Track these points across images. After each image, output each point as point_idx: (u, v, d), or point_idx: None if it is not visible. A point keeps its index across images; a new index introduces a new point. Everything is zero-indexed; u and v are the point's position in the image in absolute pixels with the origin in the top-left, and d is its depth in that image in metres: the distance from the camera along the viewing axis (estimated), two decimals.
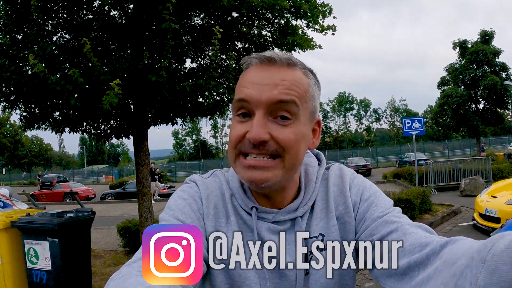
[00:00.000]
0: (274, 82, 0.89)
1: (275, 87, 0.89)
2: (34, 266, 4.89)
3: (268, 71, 0.91)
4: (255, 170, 0.89)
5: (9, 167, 71.41)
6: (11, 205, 7.21)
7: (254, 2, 6.07)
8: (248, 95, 0.89)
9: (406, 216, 0.94)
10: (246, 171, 0.90)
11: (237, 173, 0.94)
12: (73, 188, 24.84)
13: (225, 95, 7.00)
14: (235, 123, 0.93)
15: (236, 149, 0.92)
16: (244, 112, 0.91)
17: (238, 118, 0.92)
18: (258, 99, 0.88)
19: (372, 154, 48.09)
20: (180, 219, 0.92)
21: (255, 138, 0.86)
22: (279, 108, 0.89)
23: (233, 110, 0.95)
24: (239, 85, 0.94)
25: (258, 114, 0.88)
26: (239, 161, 0.92)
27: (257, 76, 0.91)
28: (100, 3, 6.02)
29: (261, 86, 0.89)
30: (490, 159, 16.14)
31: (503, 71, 30.57)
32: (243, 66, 0.98)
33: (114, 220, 12.68)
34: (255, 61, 0.94)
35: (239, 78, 0.97)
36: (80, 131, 6.96)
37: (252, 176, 0.89)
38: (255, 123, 0.87)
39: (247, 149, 0.89)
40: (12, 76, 5.66)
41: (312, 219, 1.00)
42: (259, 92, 0.89)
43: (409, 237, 0.82)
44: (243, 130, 0.90)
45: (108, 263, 7.62)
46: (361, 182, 1.04)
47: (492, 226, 7.55)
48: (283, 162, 0.90)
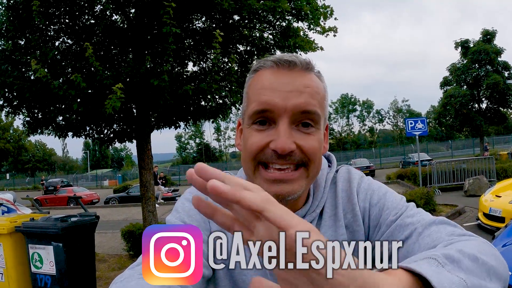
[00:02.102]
0: (298, 89, 0.85)
1: (300, 95, 0.84)
2: (39, 271, 4.90)
3: (288, 76, 0.86)
4: (281, 184, 0.85)
5: (13, 172, 71.58)
6: (15, 210, 7.24)
7: (255, 5, 6.08)
8: (271, 103, 0.84)
9: (421, 210, 0.90)
10: (271, 185, 0.85)
11: (258, 185, 0.90)
12: (77, 193, 24.83)
13: (227, 98, 7.00)
14: (252, 131, 0.87)
15: (256, 160, 0.86)
16: (262, 120, 0.86)
17: (256, 126, 0.87)
18: (283, 107, 0.83)
19: (376, 155, 47.99)
20: (186, 221, 0.92)
21: (284, 149, 0.82)
22: (304, 116, 0.85)
23: (247, 116, 0.89)
24: (254, 90, 0.89)
25: (283, 122, 0.83)
26: (260, 173, 0.87)
27: (277, 81, 0.86)
28: (102, 8, 6.06)
29: (285, 93, 0.84)
30: (494, 159, 16.06)
31: (506, 70, 30.52)
32: (254, 68, 0.93)
33: (118, 224, 12.69)
34: (269, 64, 0.89)
35: (250, 80, 0.92)
36: (83, 135, 6.98)
37: (278, 190, 0.84)
38: (281, 133, 0.82)
39: (270, 159, 0.85)
40: (15, 81, 5.68)
41: (320, 226, 0.96)
42: (283, 100, 0.83)
43: (421, 241, 0.80)
44: (265, 139, 0.85)
45: (113, 267, 7.62)
46: (368, 186, 1.00)
47: (497, 225, 7.51)
48: (307, 172, 0.87)
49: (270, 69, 0.89)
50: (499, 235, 4.59)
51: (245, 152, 0.90)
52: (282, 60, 0.87)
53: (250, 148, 0.87)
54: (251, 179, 0.90)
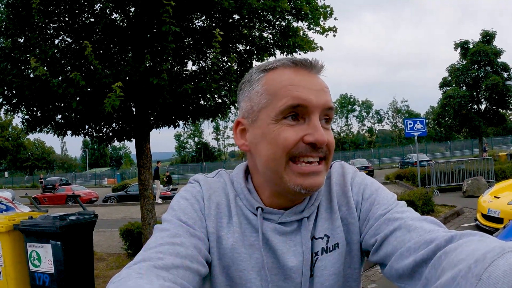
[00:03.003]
0: (322, 88, 0.91)
1: (324, 93, 0.91)
2: (37, 269, 4.90)
3: (310, 77, 0.91)
4: (314, 176, 0.89)
5: (12, 170, 71.55)
6: (14, 208, 7.25)
7: (255, 4, 6.07)
8: (307, 99, 0.87)
9: (411, 209, 0.92)
10: (305, 178, 0.88)
11: (289, 180, 0.89)
12: (75, 191, 24.81)
13: (226, 97, 6.99)
14: (284, 126, 0.88)
15: (289, 154, 0.88)
16: (294, 115, 0.89)
17: (287, 121, 0.89)
18: (316, 103, 0.88)
19: (374, 156, 48.07)
20: (182, 219, 0.91)
21: (323, 141, 0.87)
22: (327, 113, 0.92)
23: (277, 112, 0.89)
24: (282, 87, 0.89)
25: (315, 117, 0.88)
26: (290, 167, 0.88)
27: (303, 80, 0.90)
28: (101, 6, 6.04)
29: (314, 91, 0.89)
30: (493, 160, 16.09)
31: (505, 71, 30.59)
32: (268, 67, 0.94)
33: (116, 223, 12.69)
34: (288, 63, 0.92)
35: (265, 79, 0.93)
36: (82, 134, 6.97)
37: (312, 183, 0.88)
38: (318, 127, 0.87)
39: (304, 152, 0.88)
40: (14, 79, 5.67)
41: (317, 219, 0.98)
42: (316, 97, 0.88)
43: (413, 234, 0.80)
44: (299, 134, 0.87)
45: (111, 265, 7.62)
46: (361, 180, 1.02)
47: (495, 226, 7.52)
48: (326, 165, 0.93)
49: (288, 68, 0.92)
50: (497, 236, 4.60)
51: (275, 147, 0.89)
52: (302, 61, 0.92)
53: (284, 143, 0.87)
54: (280, 174, 0.90)
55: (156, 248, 0.81)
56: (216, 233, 0.95)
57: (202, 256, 0.87)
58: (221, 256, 0.94)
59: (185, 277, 0.77)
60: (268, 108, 0.90)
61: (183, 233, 0.87)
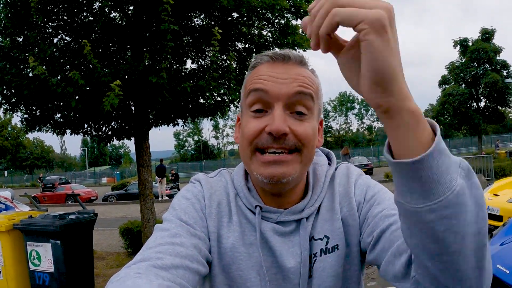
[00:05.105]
0: (291, 77, 0.90)
1: (293, 81, 0.89)
2: (37, 268, 4.90)
3: (283, 68, 0.91)
4: (276, 165, 0.87)
5: (11, 169, 71.50)
6: (13, 207, 7.25)
7: (254, 2, 6.06)
8: (266, 86, 0.88)
9: None
10: (266, 167, 0.88)
11: (253, 170, 0.91)
12: (75, 190, 24.79)
13: (226, 96, 6.99)
14: (249, 118, 0.91)
15: (252, 144, 0.90)
16: (259, 108, 0.90)
17: (253, 114, 0.91)
18: (277, 92, 0.88)
19: (374, 153, 48.02)
20: (182, 219, 0.91)
21: (278, 129, 0.85)
22: (297, 102, 0.89)
23: (245, 106, 0.94)
24: (251, 80, 0.93)
25: (278, 107, 0.88)
26: (256, 157, 0.90)
27: (273, 71, 0.91)
28: (100, 5, 6.03)
29: (279, 80, 0.89)
30: (492, 157, 16.09)
31: (504, 69, 30.55)
32: (252, 64, 0.97)
33: (116, 222, 12.68)
34: (266, 59, 0.94)
35: (248, 76, 0.96)
36: (81, 133, 6.96)
37: (273, 172, 0.87)
38: (276, 116, 0.86)
39: (266, 143, 0.88)
40: (13, 78, 5.66)
41: (317, 220, 0.97)
42: (278, 85, 0.88)
43: None
44: (261, 125, 0.88)
45: (111, 264, 7.62)
46: (365, 182, 1.02)
47: (495, 224, 7.51)
48: (300, 157, 0.90)
49: (266, 63, 0.93)
50: (497, 233, 4.61)
51: (242, 138, 0.93)
52: (276, 55, 0.93)
53: (247, 133, 0.90)
54: (248, 165, 0.93)
55: (155, 248, 0.81)
56: (216, 232, 0.95)
57: (202, 256, 0.87)
58: (221, 255, 0.94)
59: (185, 277, 0.77)
60: (243, 102, 0.95)
61: (183, 233, 0.87)
